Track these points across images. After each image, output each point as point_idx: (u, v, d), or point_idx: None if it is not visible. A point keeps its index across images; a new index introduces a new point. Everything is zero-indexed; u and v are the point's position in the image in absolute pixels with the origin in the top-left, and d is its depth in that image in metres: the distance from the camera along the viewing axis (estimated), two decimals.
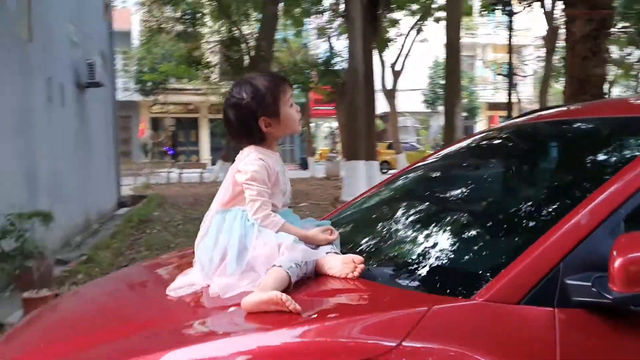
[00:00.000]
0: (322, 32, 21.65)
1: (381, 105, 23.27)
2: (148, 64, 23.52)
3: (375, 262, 1.79)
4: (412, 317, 1.32)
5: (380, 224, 2.11)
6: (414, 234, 1.91)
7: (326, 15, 19.95)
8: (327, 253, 1.76)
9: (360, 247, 1.94)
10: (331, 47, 21.50)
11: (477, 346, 1.29)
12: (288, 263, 1.64)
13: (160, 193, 16.22)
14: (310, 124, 28.37)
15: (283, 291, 1.55)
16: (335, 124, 31.32)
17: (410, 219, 2.02)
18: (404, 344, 1.27)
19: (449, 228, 1.81)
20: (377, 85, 18.09)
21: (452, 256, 1.68)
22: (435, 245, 1.76)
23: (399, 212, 2.11)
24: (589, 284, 1.34)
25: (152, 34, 17.84)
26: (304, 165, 26.56)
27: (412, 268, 1.65)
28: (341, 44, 20.72)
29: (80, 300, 2.05)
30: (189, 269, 1.87)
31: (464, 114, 26.86)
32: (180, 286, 1.75)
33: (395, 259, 1.80)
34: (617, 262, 1.28)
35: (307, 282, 1.66)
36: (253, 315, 1.47)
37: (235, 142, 1.97)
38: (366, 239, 1.99)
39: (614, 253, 1.30)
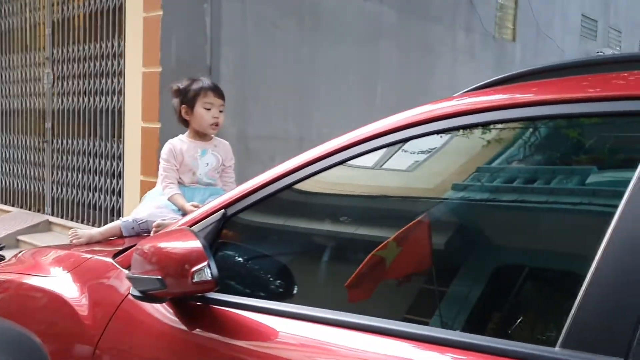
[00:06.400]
0: None
1: None
2: None
3: None
4: (81, 260, 1.78)
5: None
6: None
7: None
8: (162, 220, 2.10)
9: None
10: None
11: (87, 280, 1.66)
12: (128, 218, 2.14)
13: None
14: None
15: (115, 237, 2.12)
16: None
17: None
18: (72, 270, 1.74)
19: None
20: None
21: None
22: None
23: None
24: None
25: None
26: None
27: None
28: None
29: None
30: None
31: None
32: None
33: None
34: None
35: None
36: None
37: None
38: None
39: None
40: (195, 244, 1.24)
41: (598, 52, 11.04)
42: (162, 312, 1.41)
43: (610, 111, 1.00)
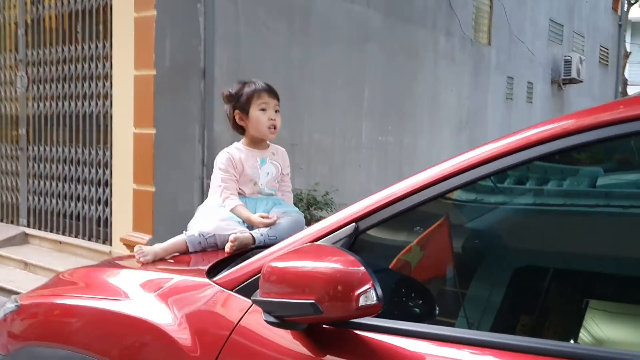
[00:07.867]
0: None
1: None
2: None
3: None
4: (166, 281, 1.60)
5: None
6: None
7: None
8: (234, 233, 1.93)
9: None
10: None
11: (182, 304, 1.50)
12: (192, 232, 1.96)
13: None
14: None
15: (181, 253, 1.93)
16: None
17: None
18: (158, 292, 1.57)
19: None
20: None
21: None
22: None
23: None
24: None
25: None
26: None
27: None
28: None
29: None
30: None
31: None
32: None
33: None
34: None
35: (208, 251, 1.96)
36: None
37: None
38: None
39: None
40: (355, 263, 1.09)
41: (565, 57, 11.31)
42: (287, 339, 1.26)
43: None
